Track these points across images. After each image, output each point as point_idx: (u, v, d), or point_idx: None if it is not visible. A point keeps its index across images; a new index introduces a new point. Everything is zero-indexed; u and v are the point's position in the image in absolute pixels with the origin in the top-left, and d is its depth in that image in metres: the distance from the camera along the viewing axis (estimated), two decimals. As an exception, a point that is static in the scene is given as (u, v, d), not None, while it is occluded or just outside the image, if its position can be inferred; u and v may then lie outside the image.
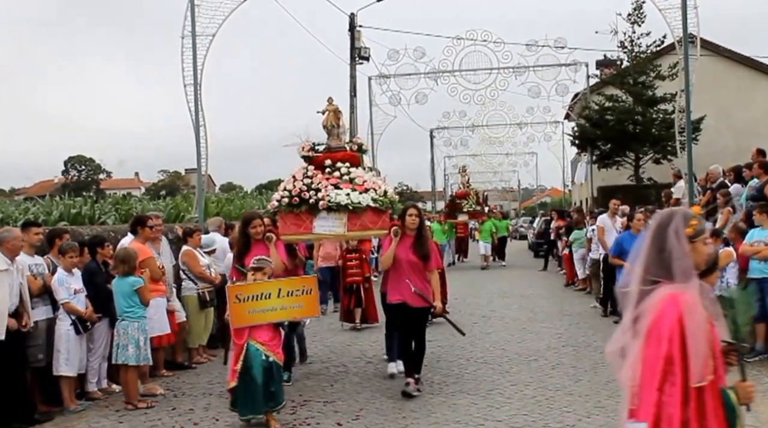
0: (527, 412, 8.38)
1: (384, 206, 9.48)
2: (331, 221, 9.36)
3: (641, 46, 30.12)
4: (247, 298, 7.90)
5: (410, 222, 9.40)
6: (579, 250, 19.76)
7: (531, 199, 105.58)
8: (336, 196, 9.29)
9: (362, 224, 9.43)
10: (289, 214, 9.49)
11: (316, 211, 9.38)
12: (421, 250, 9.33)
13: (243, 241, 9.37)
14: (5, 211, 12.75)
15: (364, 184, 9.51)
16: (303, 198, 9.41)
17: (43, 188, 76.78)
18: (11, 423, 8.47)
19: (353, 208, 9.30)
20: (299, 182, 9.55)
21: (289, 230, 9.53)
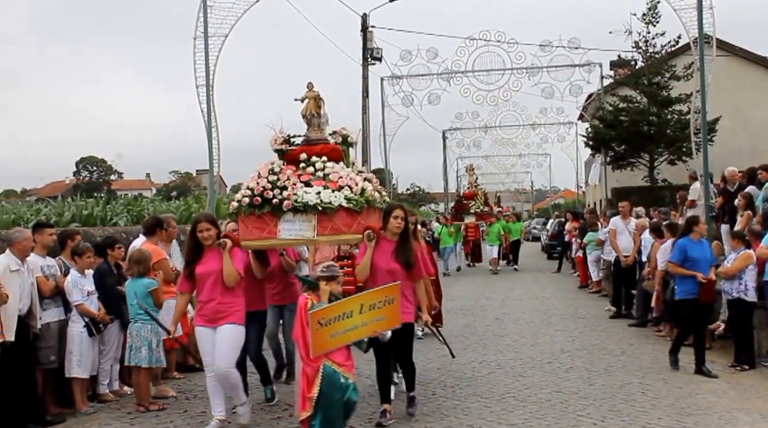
0: (541, 416, 8.30)
1: (359, 207, 8.02)
2: (298, 224, 8.04)
3: (656, 47, 29.95)
4: (330, 321, 6.66)
5: (394, 226, 8.20)
6: (593, 252, 19.65)
7: (544, 200, 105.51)
8: (304, 195, 7.96)
9: (334, 227, 8.02)
10: (251, 216, 8.13)
11: (281, 212, 8.02)
12: (404, 257, 8.16)
13: (193, 247, 8.13)
14: (17, 212, 12.73)
15: (339, 181, 8.15)
16: (265, 197, 8.06)
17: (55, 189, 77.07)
18: (26, 423, 8.46)
19: (323, 209, 7.92)
20: (263, 179, 8.22)
21: (251, 235, 8.19)
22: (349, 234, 8.13)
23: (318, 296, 6.90)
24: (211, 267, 7.93)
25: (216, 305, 7.90)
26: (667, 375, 10.19)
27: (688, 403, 8.71)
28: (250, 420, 8.31)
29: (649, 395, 9.13)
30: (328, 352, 6.72)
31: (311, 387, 6.75)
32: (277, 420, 8.54)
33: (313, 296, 6.95)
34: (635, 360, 11.22)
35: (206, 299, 7.96)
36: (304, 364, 6.82)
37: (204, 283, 7.95)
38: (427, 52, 31.44)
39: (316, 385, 6.72)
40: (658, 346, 12.30)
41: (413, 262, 8.24)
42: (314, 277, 7.13)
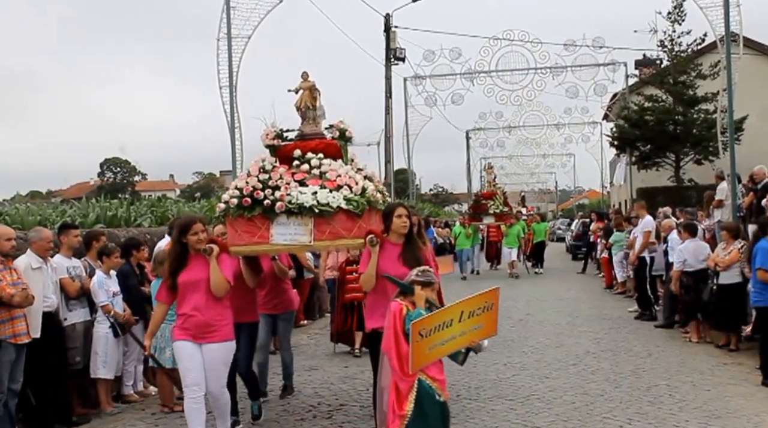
0: (566, 419, 8.23)
1: (359, 208, 7.26)
2: (293, 228, 7.26)
3: (681, 45, 29.77)
4: (430, 332, 5.91)
5: (399, 226, 7.21)
6: (618, 253, 19.50)
7: (568, 200, 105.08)
8: (299, 196, 7.20)
9: (333, 231, 7.24)
10: (240, 219, 7.34)
11: (273, 214, 7.24)
12: (414, 260, 7.03)
13: (177, 253, 7.17)
14: (43, 213, 12.78)
15: (337, 180, 7.38)
16: (256, 198, 7.28)
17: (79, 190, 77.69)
18: (53, 424, 8.51)
19: (320, 211, 7.16)
20: (253, 178, 7.43)
21: (240, 240, 7.37)
22: (349, 238, 7.35)
23: (412, 302, 6.23)
24: (197, 276, 7.03)
25: (202, 318, 6.98)
26: (694, 377, 10.08)
27: (716, 406, 8.60)
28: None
29: (677, 397, 9.02)
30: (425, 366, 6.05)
31: (403, 403, 6.03)
32: (300, 422, 8.51)
33: (407, 302, 6.26)
34: (662, 362, 11.11)
35: (190, 311, 7.01)
36: (395, 378, 6.06)
37: (188, 293, 7.04)
38: (451, 52, 31.49)
39: (409, 401, 6.03)
40: (685, 348, 12.19)
41: (423, 265, 7.08)
42: (408, 281, 6.37)
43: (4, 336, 7.66)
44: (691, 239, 12.86)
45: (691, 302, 12.81)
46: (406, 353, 5.93)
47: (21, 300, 7.69)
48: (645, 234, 15.89)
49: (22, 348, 7.87)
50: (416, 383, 6.01)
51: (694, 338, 12.69)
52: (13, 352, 7.75)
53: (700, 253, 12.70)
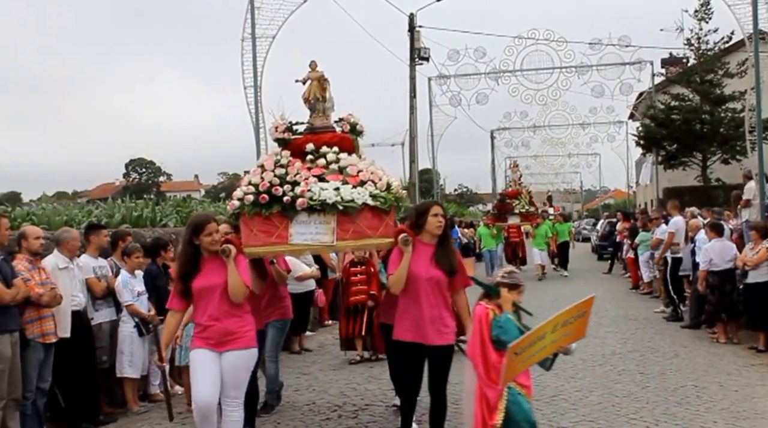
0: (593, 419, 8.18)
1: (387, 205, 6.77)
2: (313, 226, 6.71)
3: (708, 43, 29.60)
4: (525, 348, 5.58)
5: (434, 226, 6.68)
6: (644, 253, 19.37)
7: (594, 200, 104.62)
8: (321, 192, 6.66)
9: (357, 230, 6.73)
10: (256, 217, 6.75)
11: (293, 212, 6.69)
12: (448, 262, 6.65)
13: (189, 256, 6.53)
14: (69, 214, 12.91)
15: (359, 176, 6.87)
16: (274, 194, 6.71)
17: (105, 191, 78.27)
18: (80, 423, 8.59)
19: (345, 208, 6.64)
20: (269, 173, 6.86)
21: (255, 240, 6.76)
22: (375, 238, 6.82)
23: (498, 305, 5.94)
24: (213, 281, 6.41)
25: (222, 327, 6.38)
26: (722, 378, 9.99)
27: (744, 407, 8.52)
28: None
29: (704, 398, 8.95)
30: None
31: (494, 413, 5.72)
32: (326, 421, 8.51)
33: (493, 305, 5.95)
34: (689, 363, 11.02)
35: (207, 321, 6.42)
36: (482, 385, 5.76)
37: (203, 301, 6.44)
38: (475, 52, 31.43)
39: (500, 411, 5.71)
40: (712, 349, 12.09)
41: (457, 268, 6.74)
42: (494, 283, 6.03)
43: (32, 336, 7.75)
44: (717, 239, 12.77)
45: (717, 302, 12.71)
46: (494, 362, 5.68)
47: (50, 299, 7.76)
48: (668, 234, 15.78)
49: (50, 348, 7.95)
50: (506, 391, 5.73)
51: (722, 338, 12.58)
52: (42, 351, 7.83)
53: (726, 253, 12.61)
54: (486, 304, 5.96)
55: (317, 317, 15.17)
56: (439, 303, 6.59)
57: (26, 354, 7.68)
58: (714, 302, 12.76)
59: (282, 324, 8.95)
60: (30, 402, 7.81)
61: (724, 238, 12.96)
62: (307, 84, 7.50)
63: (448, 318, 6.65)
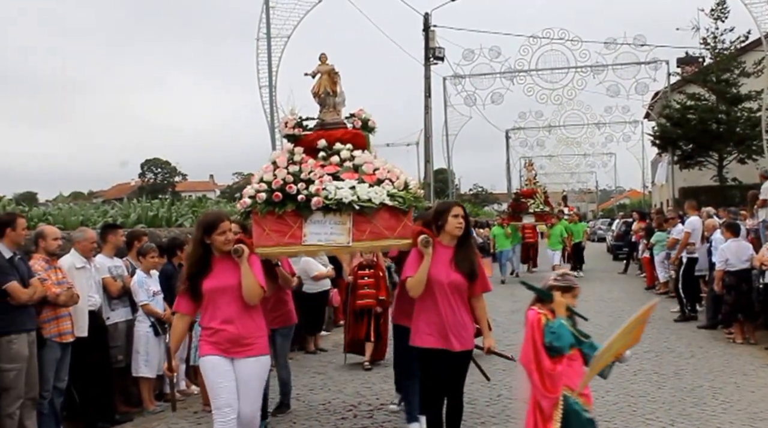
0: (609, 419, 8.15)
1: (406, 205, 6.50)
2: (329, 226, 6.44)
3: (724, 43, 29.42)
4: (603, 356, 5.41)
5: (454, 226, 6.40)
6: (660, 253, 19.29)
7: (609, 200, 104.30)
8: (337, 191, 6.39)
9: (374, 231, 6.47)
10: (269, 216, 6.46)
11: (308, 211, 6.41)
12: (468, 265, 6.39)
13: (199, 256, 6.16)
14: (85, 214, 12.97)
15: (376, 174, 6.61)
16: (288, 193, 6.44)
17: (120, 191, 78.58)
18: (96, 422, 8.63)
19: (361, 208, 6.37)
20: (282, 171, 6.55)
21: (268, 240, 6.46)
22: (392, 239, 6.53)
23: (551, 309, 5.70)
24: (225, 282, 6.06)
25: (235, 331, 6.03)
26: (738, 378, 9.94)
27: (761, 407, 8.48)
28: None
29: (720, 399, 8.91)
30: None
31: (549, 423, 5.47)
32: (341, 420, 8.52)
33: (546, 310, 5.71)
34: (705, 363, 10.98)
35: (220, 325, 6.05)
36: (536, 394, 5.53)
37: (215, 303, 6.08)
38: (490, 51, 31.45)
39: (555, 421, 5.45)
40: (728, 349, 12.04)
41: (477, 271, 6.46)
42: (546, 287, 5.75)
43: (49, 335, 7.79)
44: (733, 239, 12.71)
45: (733, 302, 12.65)
46: (548, 369, 5.47)
47: (66, 299, 7.80)
48: (684, 234, 15.71)
49: (67, 347, 8.00)
50: (561, 400, 5.47)
51: (738, 339, 12.52)
52: (59, 351, 7.88)
53: (743, 253, 12.55)
54: (538, 309, 5.71)
55: (332, 317, 15.18)
56: (459, 308, 6.35)
57: (43, 353, 7.72)
58: (730, 302, 12.70)
59: (287, 331, 8.81)
60: (47, 401, 7.86)
61: (741, 238, 12.90)
62: (316, 77, 7.18)
63: (468, 323, 6.43)
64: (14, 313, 7.34)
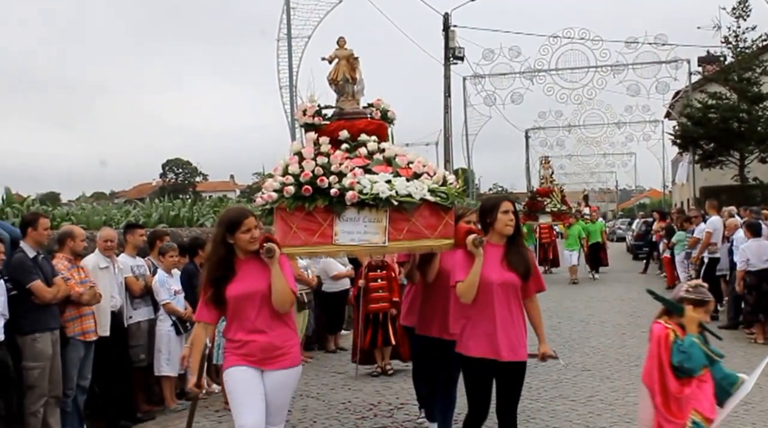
0: (629, 420, 8.11)
1: (448, 201, 5.92)
2: (362, 225, 5.79)
3: (746, 41, 29.25)
4: None
5: (504, 224, 5.81)
6: (680, 253, 19.20)
7: (629, 200, 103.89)
8: (373, 185, 5.73)
9: (413, 230, 5.84)
10: (298, 212, 5.77)
11: (340, 207, 5.76)
12: (523, 263, 5.84)
13: (221, 258, 5.42)
14: (107, 213, 13.05)
15: (411, 167, 6.03)
16: (319, 186, 5.75)
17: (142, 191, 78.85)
18: (119, 420, 8.69)
19: (401, 204, 5.75)
20: (311, 162, 5.88)
21: (295, 239, 5.78)
22: (432, 239, 5.92)
23: (680, 324, 5.25)
24: (254, 286, 5.37)
25: (266, 340, 5.38)
26: (760, 379, 9.80)
27: (783, 409, 8.44)
28: None
29: (742, 400, 8.84)
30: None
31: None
32: (362, 419, 8.54)
33: (674, 324, 5.26)
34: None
35: (250, 334, 5.39)
36: (659, 418, 5.16)
37: (241, 311, 5.39)
38: (510, 51, 31.44)
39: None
40: (750, 349, 11.96)
41: (531, 269, 5.93)
42: (677, 298, 5.31)
43: (72, 334, 7.86)
44: (753, 238, 12.64)
45: (755, 302, 12.58)
46: (674, 392, 5.07)
47: (90, 298, 7.87)
48: (705, 234, 15.64)
49: (90, 346, 8.07)
50: (689, 426, 5.01)
51: (760, 339, 12.45)
52: (82, 349, 7.95)
53: (764, 253, 12.47)
54: (665, 323, 5.26)
55: (352, 315, 15.21)
56: (512, 312, 5.78)
57: (66, 351, 7.80)
58: (752, 302, 12.64)
59: None
60: (70, 400, 7.93)
61: (762, 238, 12.82)
62: (333, 63, 6.59)
63: (521, 330, 5.84)
64: (38, 312, 7.43)
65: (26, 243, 7.59)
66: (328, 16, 16.30)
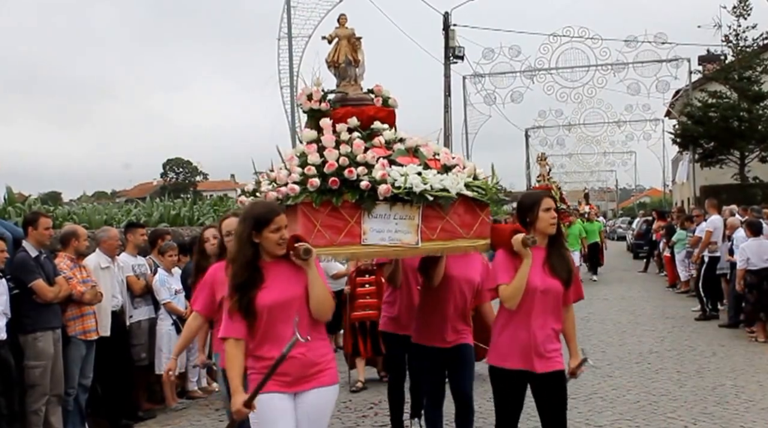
0: (630, 418, 8.14)
1: (487, 196, 5.34)
2: (393, 222, 5.07)
3: (747, 40, 29.26)
4: None
5: (548, 224, 5.23)
6: (681, 252, 19.21)
7: (629, 199, 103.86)
8: (406, 178, 5.01)
9: (447, 229, 5.21)
10: (323, 208, 4.96)
11: (370, 203, 5.00)
12: (565, 269, 5.31)
13: (249, 260, 4.51)
14: (109, 213, 13.10)
15: (441, 159, 5.40)
16: (348, 178, 4.95)
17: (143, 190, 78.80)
18: (120, 419, 8.71)
19: (437, 199, 5.08)
20: (334, 151, 5.08)
21: (320, 239, 4.93)
22: (467, 239, 5.32)
23: None
24: (288, 293, 4.52)
25: (302, 357, 4.50)
26: (761, 377, 9.90)
27: (784, 407, 8.45)
28: None
29: (743, 398, 8.87)
30: None
31: None
32: (362, 418, 8.56)
33: None
34: (727, 362, 10.93)
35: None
36: None
37: (273, 322, 4.49)
38: (510, 50, 31.43)
39: None
40: (751, 347, 11.97)
41: (572, 275, 5.42)
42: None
43: (74, 333, 7.87)
44: (754, 237, 12.65)
45: (755, 301, 12.59)
46: None
47: (91, 297, 7.88)
48: (706, 233, 15.64)
49: (91, 345, 8.08)
50: None
51: (761, 337, 12.45)
52: (84, 348, 7.96)
53: (764, 252, 12.47)
54: None
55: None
56: (551, 321, 5.29)
57: (68, 351, 7.81)
58: (752, 301, 12.64)
59: None
60: (72, 398, 7.94)
61: (762, 237, 12.82)
62: (333, 43, 5.95)
63: (556, 339, 5.37)
64: (40, 311, 7.44)
65: (28, 243, 7.60)
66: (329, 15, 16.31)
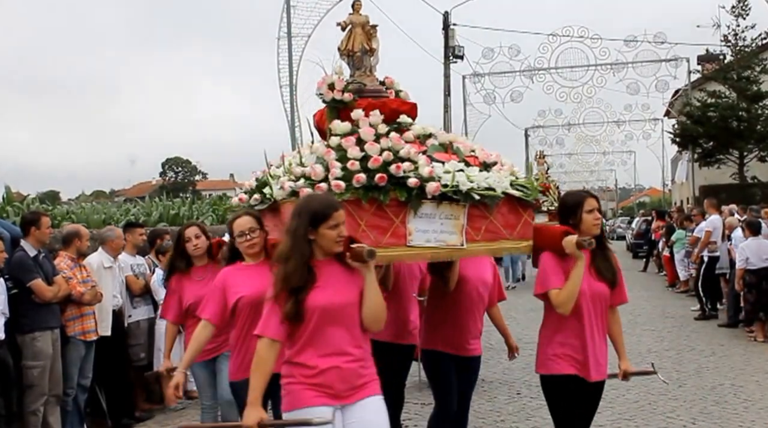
0: (629, 417, 8.15)
1: (531, 196, 5.07)
2: (438, 223, 4.68)
3: (746, 40, 29.28)
4: None
5: (591, 224, 4.97)
6: (680, 251, 19.21)
7: (629, 198, 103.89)
8: (452, 177, 4.63)
9: (491, 229, 4.89)
10: (369, 205, 4.51)
11: (416, 202, 4.57)
12: (611, 271, 5.12)
13: (304, 259, 4.05)
14: (107, 212, 13.08)
15: (478, 156, 5.08)
16: (395, 175, 4.52)
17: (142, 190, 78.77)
18: (120, 418, 8.71)
19: (484, 198, 4.74)
20: (375, 146, 4.65)
21: (364, 239, 4.40)
22: (511, 240, 5.01)
23: None
24: (342, 297, 4.09)
25: (349, 366, 4.08)
26: (760, 377, 9.90)
27: (783, 406, 8.45)
28: None
29: (742, 397, 8.88)
30: None
31: None
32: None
33: None
34: (726, 361, 10.93)
35: (329, 358, 4.06)
36: None
37: (321, 327, 4.05)
38: (510, 49, 31.46)
39: None
40: (749, 347, 11.98)
41: (618, 277, 5.21)
42: None
43: (73, 333, 7.84)
44: (753, 237, 12.64)
45: (755, 300, 12.60)
46: None
47: (91, 298, 7.86)
48: (705, 233, 15.64)
49: (91, 345, 8.06)
50: None
51: (760, 337, 12.45)
52: (83, 349, 7.94)
53: (763, 252, 12.47)
54: None
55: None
56: (600, 326, 5.08)
57: (67, 351, 7.79)
58: (752, 301, 12.65)
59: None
60: (71, 399, 7.92)
61: (761, 237, 12.82)
62: (347, 30, 5.52)
63: (605, 346, 5.15)
64: (38, 311, 7.41)
65: (27, 242, 7.58)
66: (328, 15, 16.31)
